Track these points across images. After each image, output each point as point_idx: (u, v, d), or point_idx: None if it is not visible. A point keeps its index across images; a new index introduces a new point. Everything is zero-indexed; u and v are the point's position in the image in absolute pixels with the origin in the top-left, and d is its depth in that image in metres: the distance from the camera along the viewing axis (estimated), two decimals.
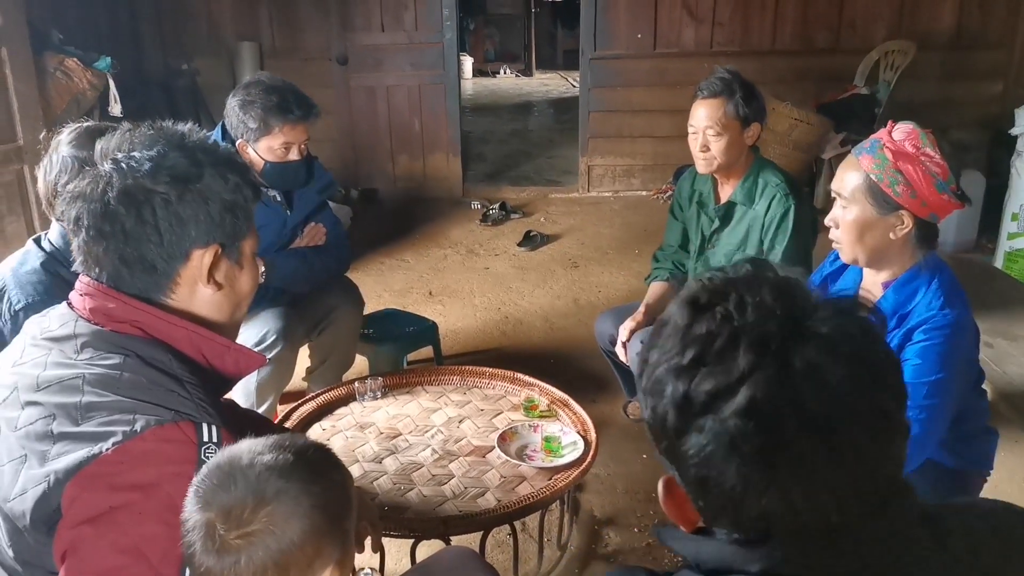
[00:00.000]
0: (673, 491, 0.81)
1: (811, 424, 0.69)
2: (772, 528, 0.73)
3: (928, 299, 1.71)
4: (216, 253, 1.25)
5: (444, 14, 5.97)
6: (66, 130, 1.87)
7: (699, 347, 0.73)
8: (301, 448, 1.06)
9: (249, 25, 5.99)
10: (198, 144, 1.27)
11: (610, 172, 6.32)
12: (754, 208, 2.58)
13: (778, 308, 0.73)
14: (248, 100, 2.55)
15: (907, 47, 5.50)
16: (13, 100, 3.74)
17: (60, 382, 1.14)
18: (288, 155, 2.61)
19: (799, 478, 0.70)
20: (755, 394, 0.69)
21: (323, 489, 1.03)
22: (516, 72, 13.85)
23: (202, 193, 1.22)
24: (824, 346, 0.71)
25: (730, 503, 0.73)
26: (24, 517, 1.09)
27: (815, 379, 0.70)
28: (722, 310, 0.74)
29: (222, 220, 1.24)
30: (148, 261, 1.21)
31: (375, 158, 6.30)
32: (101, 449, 1.06)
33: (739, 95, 2.49)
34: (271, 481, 1.00)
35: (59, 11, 4.70)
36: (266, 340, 2.57)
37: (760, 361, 0.70)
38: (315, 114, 2.63)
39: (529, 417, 2.24)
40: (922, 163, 1.67)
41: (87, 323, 1.21)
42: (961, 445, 1.85)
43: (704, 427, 0.72)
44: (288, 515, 0.99)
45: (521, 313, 4.21)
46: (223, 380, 1.33)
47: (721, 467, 0.72)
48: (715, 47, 5.92)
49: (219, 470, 1.02)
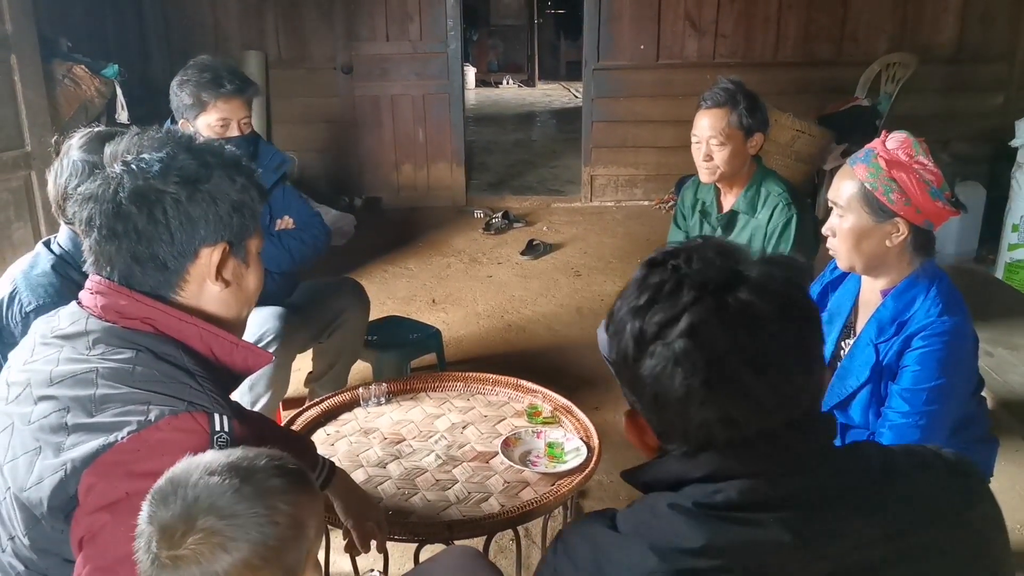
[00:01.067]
0: (635, 419, 0.97)
1: (741, 348, 0.85)
2: (713, 438, 0.88)
3: (927, 306, 1.73)
4: (224, 251, 1.28)
5: (448, 24, 6.01)
6: (77, 135, 1.90)
7: (652, 291, 0.89)
8: (255, 472, 1.02)
9: (255, 35, 6.03)
10: (206, 147, 1.31)
11: (613, 182, 6.35)
12: (756, 217, 2.60)
13: (718, 260, 0.89)
14: (184, 79, 2.59)
15: (908, 60, 5.52)
16: (22, 107, 3.77)
17: (73, 376, 1.17)
18: (227, 132, 2.62)
19: (732, 393, 0.86)
20: (694, 320, 0.85)
21: (262, 523, 0.98)
22: (519, 82, 13.90)
23: (211, 193, 1.25)
24: (754, 287, 0.86)
25: (677, 416, 0.89)
26: (41, 505, 1.11)
27: (745, 313, 0.85)
28: (673, 263, 0.91)
29: (230, 219, 1.28)
30: (159, 259, 1.24)
31: (379, 167, 6.33)
32: (117, 437, 1.09)
33: (743, 105, 2.52)
34: (205, 510, 0.97)
35: (67, 19, 4.74)
36: (264, 339, 2.58)
37: (700, 296, 0.86)
38: (252, 91, 2.65)
39: (532, 423, 2.25)
40: (915, 171, 1.69)
41: (98, 320, 1.24)
42: (962, 452, 1.86)
43: (655, 352, 0.88)
44: (216, 547, 0.97)
45: (524, 321, 4.23)
46: (232, 376, 1.35)
47: (668, 384, 0.87)
48: (718, 58, 5.96)
49: (169, 483, 1.00)
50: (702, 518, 0.86)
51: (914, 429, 1.69)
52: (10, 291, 1.86)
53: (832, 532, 0.86)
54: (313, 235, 2.88)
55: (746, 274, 0.88)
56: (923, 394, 1.70)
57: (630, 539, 0.90)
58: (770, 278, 0.88)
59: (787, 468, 0.88)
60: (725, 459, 0.88)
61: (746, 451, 0.87)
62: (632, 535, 0.90)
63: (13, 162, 3.75)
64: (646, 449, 0.98)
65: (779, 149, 5.13)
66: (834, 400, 1.87)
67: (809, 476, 0.88)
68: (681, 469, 0.91)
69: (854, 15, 5.85)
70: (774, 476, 0.87)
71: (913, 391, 1.71)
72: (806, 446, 0.89)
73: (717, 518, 0.86)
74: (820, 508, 0.87)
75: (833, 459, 0.91)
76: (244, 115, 2.65)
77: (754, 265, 0.89)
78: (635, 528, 0.91)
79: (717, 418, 0.86)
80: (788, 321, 0.87)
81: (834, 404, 1.87)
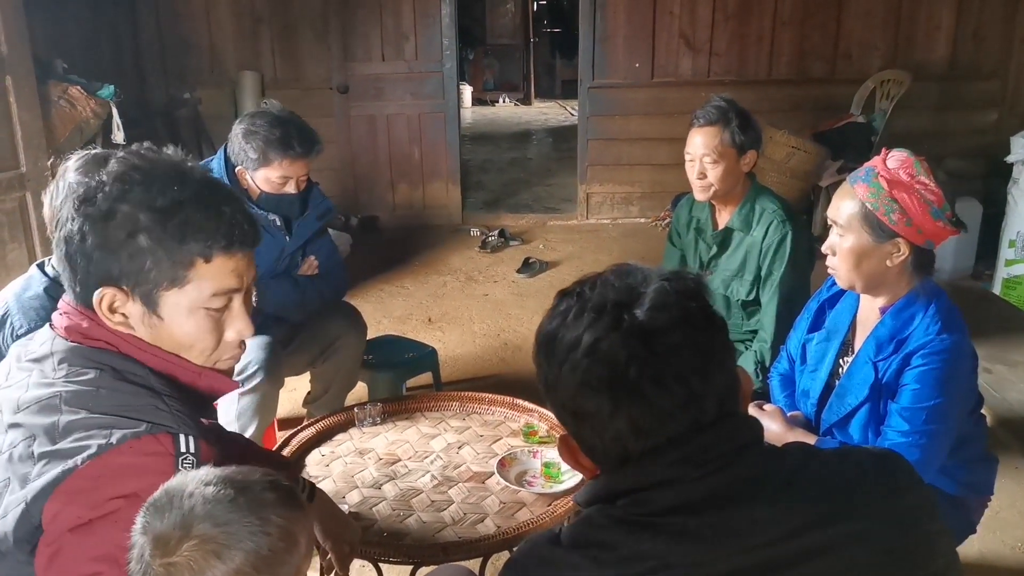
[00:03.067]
0: (568, 444, 1.02)
1: (638, 360, 0.91)
2: (628, 451, 0.94)
3: (925, 324, 1.72)
4: (112, 296, 1.20)
5: (444, 44, 6.04)
6: (73, 157, 1.89)
7: (560, 318, 0.98)
8: (250, 485, 1.04)
9: (251, 55, 6.05)
10: (137, 181, 1.20)
11: (608, 200, 6.36)
12: (752, 234, 2.60)
13: (617, 282, 0.97)
14: (252, 130, 2.56)
15: (902, 77, 5.56)
16: (17, 128, 3.77)
17: (38, 402, 1.16)
18: (284, 188, 2.62)
19: (635, 402, 0.91)
20: (592, 339, 0.93)
21: (255, 533, 1.00)
22: (515, 101, 13.94)
23: (117, 231, 1.17)
24: (648, 304, 0.93)
25: (594, 432, 0.95)
26: (7, 539, 1.10)
27: (639, 327, 0.92)
28: (577, 290, 0.99)
29: (130, 262, 1.18)
30: (78, 282, 1.21)
31: (375, 186, 6.34)
32: (76, 463, 1.08)
33: (735, 123, 2.52)
34: (201, 517, 0.99)
35: (63, 40, 4.75)
36: (247, 371, 2.54)
37: (598, 317, 0.94)
38: (317, 151, 2.64)
39: (528, 443, 2.24)
40: (917, 191, 1.68)
41: (63, 340, 1.23)
42: (961, 471, 1.85)
43: (566, 372, 0.95)
44: (209, 554, 0.98)
45: (520, 340, 4.21)
46: (202, 397, 1.32)
47: (580, 401, 0.94)
48: (712, 76, 5.99)
49: (164, 494, 1.02)
50: (630, 526, 0.93)
51: (914, 448, 1.67)
52: (1, 314, 1.85)
53: (753, 527, 0.90)
54: (333, 288, 2.89)
55: (641, 291, 0.95)
56: (923, 413, 1.68)
57: (571, 552, 0.96)
58: (664, 293, 0.94)
59: (704, 470, 0.92)
60: (643, 469, 0.94)
61: (661, 459, 0.93)
62: (573, 548, 0.96)
63: (8, 183, 3.75)
64: (583, 470, 1.03)
65: (774, 166, 5.15)
66: (833, 418, 1.85)
67: (727, 474, 0.92)
68: (611, 484, 0.97)
69: (847, 33, 5.89)
70: (692, 479, 0.92)
71: (913, 410, 1.70)
72: (719, 447, 0.93)
73: (642, 525, 0.92)
74: (739, 504, 0.91)
75: (751, 458, 0.95)
76: (304, 173, 2.65)
77: (651, 283, 0.95)
78: (574, 540, 0.97)
79: (627, 429, 0.93)
80: (682, 331, 0.92)
81: (833, 423, 1.85)
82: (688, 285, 0.97)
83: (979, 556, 2.43)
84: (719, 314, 0.98)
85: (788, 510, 0.91)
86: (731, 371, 0.97)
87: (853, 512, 0.93)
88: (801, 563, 0.90)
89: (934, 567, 0.97)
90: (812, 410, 1.94)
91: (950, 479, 1.83)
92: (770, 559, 0.90)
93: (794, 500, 0.92)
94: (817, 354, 1.95)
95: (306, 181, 2.70)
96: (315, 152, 2.63)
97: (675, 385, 0.91)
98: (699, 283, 0.98)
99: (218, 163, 2.66)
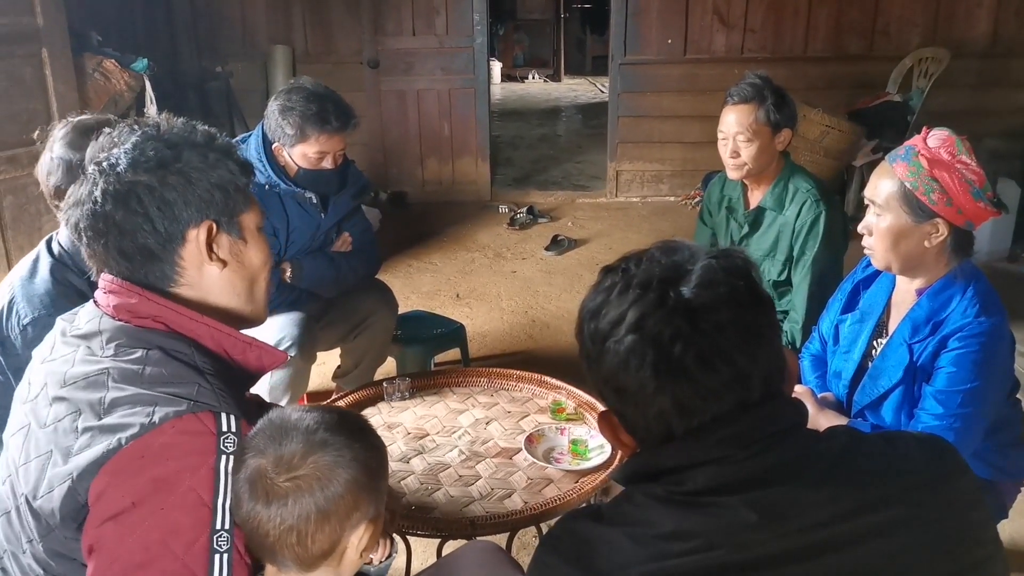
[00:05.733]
0: (608, 418, 1.01)
1: (683, 338, 0.89)
2: (672, 428, 0.93)
3: (963, 307, 1.69)
4: (211, 229, 1.26)
5: (475, 19, 6.00)
6: (60, 125, 1.88)
7: (605, 294, 0.96)
8: (344, 412, 1.19)
9: (282, 29, 6.05)
10: (174, 130, 1.28)
11: (638, 177, 6.31)
12: (784, 214, 2.57)
13: (663, 259, 0.96)
14: (288, 106, 2.56)
15: (941, 54, 5.44)
16: (52, 100, 3.81)
17: (86, 378, 1.17)
18: (322, 163, 2.63)
19: (680, 380, 0.90)
20: (638, 316, 0.91)
21: (363, 447, 1.13)
22: (545, 77, 13.85)
23: (183, 174, 1.23)
24: (694, 281, 0.92)
25: (637, 409, 0.94)
26: (54, 515, 1.11)
27: (685, 304, 0.90)
28: (623, 267, 0.98)
29: (211, 197, 1.25)
30: (148, 249, 1.23)
31: (404, 161, 6.34)
32: (120, 442, 1.09)
33: (770, 101, 2.49)
34: (319, 432, 1.10)
35: (97, 13, 4.78)
36: (282, 344, 2.56)
37: (644, 294, 0.92)
38: (353, 125, 2.63)
39: (556, 420, 2.24)
40: (958, 170, 1.65)
41: (111, 319, 1.23)
42: (995, 455, 1.83)
43: (609, 349, 0.93)
44: (333, 464, 1.08)
45: (548, 317, 4.21)
46: (247, 375, 1.34)
47: (624, 377, 0.93)
48: (746, 53, 5.90)
49: (271, 424, 1.12)
50: (672, 504, 0.92)
51: (948, 432, 1.65)
52: (8, 300, 1.83)
53: (798, 509, 0.89)
54: (366, 264, 2.92)
55: (688, 268, 0.93)
56: (958, 396, 1.66)
57: (609, 529, 0.95)
58: (711, 270, 0.93)
59: (748, 451, 0.91)
60: (688, 447, 0.92)
61: (705, 437, 0.91)
62: (611, 525, 0.96)
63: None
64: (622, 447, 1.03)
65: (808, 145, 5.07)
66: (865, 400, 1.83)
67: (771, 455, 0.91)
68: (653, 462, 0.96)
69: (886, 9, 5.77)
70: (736, 459, 0.90)
71: (948, 393, 1.68)
72: (764, 428, 0.92)
73: (686, 504, 0.92)
74: (784, 486, 0.90)
75: (796, 440, 0.94)
76: (341, 148, 2.65)
77: (698, 260, 0.94)
78: (613, 518, 0.97)
79: (671, 407, 0.91)
80: (729, 310, 0.91)
81: (865, 404, 1.84)
82: (736, 263, 0.95)
83: (1010, 541, 2.41)
84: (766, 293, 0.97)
85: (835, 494, 0.90)
86: (778, 351, 0.96)
87: (902, 497, 0.92)
88: (848, 548, 0.89)
89: (978, 554, 0.95)
90: (844, 392, 1.92)
91: (983, 463, 1.81)
92: (816, 542, 0.89)
93: (841, 484, 0.91)
94: (851, 335, 1.93)
95: (343, 156, 2.70)
96: (352, 126, 2.63)
97: (721, 364, 0.90)
98: (747, 261, 0.97)
99: (256, 140, 2.67)
